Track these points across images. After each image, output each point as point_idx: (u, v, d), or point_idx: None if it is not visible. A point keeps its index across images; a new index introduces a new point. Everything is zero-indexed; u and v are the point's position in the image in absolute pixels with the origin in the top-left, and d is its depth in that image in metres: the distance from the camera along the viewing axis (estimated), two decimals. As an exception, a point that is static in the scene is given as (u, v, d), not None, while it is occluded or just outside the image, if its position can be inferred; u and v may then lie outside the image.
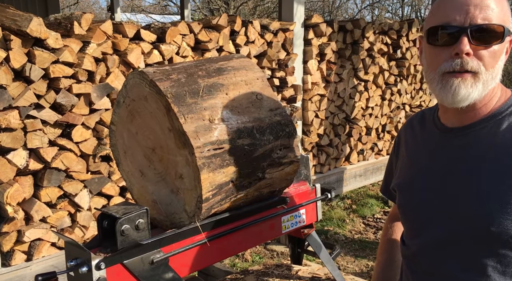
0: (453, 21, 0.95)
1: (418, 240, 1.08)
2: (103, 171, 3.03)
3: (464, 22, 0.95)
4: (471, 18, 0.94)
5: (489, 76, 0.96)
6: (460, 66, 0.95)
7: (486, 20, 0.94)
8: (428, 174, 1.06)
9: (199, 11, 14.35)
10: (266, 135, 1.30)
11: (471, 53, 0.95)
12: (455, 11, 0.95)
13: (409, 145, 1.15)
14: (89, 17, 2.86)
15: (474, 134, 0.99)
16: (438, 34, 0.97)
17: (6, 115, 2.50)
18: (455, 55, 0.95)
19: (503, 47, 0.97)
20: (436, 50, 0.98)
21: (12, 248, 2.70)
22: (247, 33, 3.81)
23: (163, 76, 1.21)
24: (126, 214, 1.11)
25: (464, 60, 0.95)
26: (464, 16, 0.95)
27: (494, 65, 0.96)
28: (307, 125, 4.48)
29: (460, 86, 0.95)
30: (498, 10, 0.94)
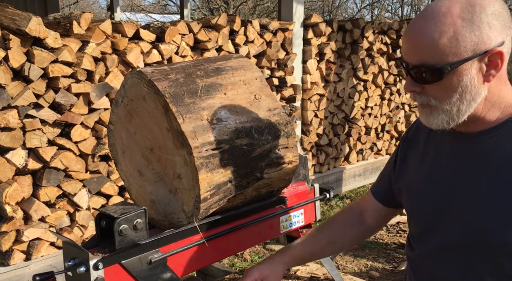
0: (403, 56, 0.96)
1: (423, 243, 1.08)
2: (102, 170, 3.03)
3: (407, 61, 0.95)
4: (409, 58, 0.94)
5: (449, 105, 0.94)
6: (413, 99, 0.98)
7: (421, 61, 0.92)
8: (437, 179, 1.05)
9: (198, 11, 14.34)
10: (265, 135, 1.30)
11: (417, 90, 0.95)
12: (404, 49, 0.96)
13: (420, 147, 1.13)
14: (88, 16, 2.86)
15: (484, 142, 0.98)
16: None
17: (5, 114, 2.50)
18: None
19: (460, 75, 0.91)
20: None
21: (11, 247, 2.70)
22: (247, 33, 3.81)
23: (161, 76, 1.21)
24: (124, 214, 1.11)
25: (413, 96, 0.97)
26: (407, 55, 0.95)
27: (450, 95, 0.93)
28: (306, 124, 4.48)
29: (421, 115, 0.98)
30: (438, 45, 0.89)
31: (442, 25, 0.89)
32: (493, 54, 0.90)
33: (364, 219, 1.29)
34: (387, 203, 1.24)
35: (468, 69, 0.91)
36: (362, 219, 1.29)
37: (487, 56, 0.90)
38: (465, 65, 0.90)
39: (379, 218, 1.28)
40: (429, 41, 0.90)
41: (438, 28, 0.89)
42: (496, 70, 0.92)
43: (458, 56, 0.90)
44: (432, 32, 0.89)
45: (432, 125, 0.97)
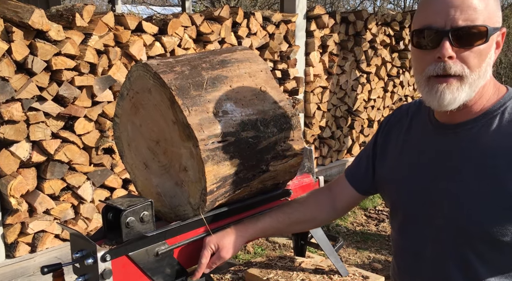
0: (434, 23, 0.93)
1: (405, 235, 1.09)
2: (106, 163, 3.04)
3: (445, 24, 0.92)
4: (452, 20, 0.91)
5: (476, 76, 0.93)
6: (443, 70, 0.93)
7: (468, 21, 0.91)
8: (419, 170, 1.05)
9: (200, 3, 14.27)
10: (270, 127, 1.30)
11: (454, 57, 0.92)
12: (436, 13, 0.92)
13: (402, 135, 1.12)
14: (90, 9, 2.85)
15: (464, 133, 0.98)
16: (421, 37, 0.95)
17: (9, 107, 2.51)
18: (438, 58, 0.93)
19: (491, 44, 0.93)
20: (421, 53, 0.96)
21: (16, 240, 2.72)
22: (249, 25, 3.80)
23: (167, 69, 1.21)
24: (131, 207, 1.11)
25: (447, 65, 0.93)
26: (445, 18, 0.92)
27: (481, 64, 0.93)
28: (309, 117, 4.47)
29: (445, 92, 0.93)
30: (481, 9, 0.91)
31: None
32: (502, 33, 0.94)
33: (335, 204, 1.27)
34: (362, 190, 1.22)
35: (494, 40, 0.94)
36: (334, 204, 1.27)
37: (501, 34, 0.94)
38: (494, 35, 0.93)
39: (350, 203, 1.27)
40: (478, 2, 0.91)
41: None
42: (498, 50, 0.95)
43: (494, 23, 0.93)
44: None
45: (454, 102, 0.94)
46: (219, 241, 1.19)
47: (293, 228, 1.33)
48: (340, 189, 1.27)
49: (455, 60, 0.92)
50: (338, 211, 1.28)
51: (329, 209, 1.28)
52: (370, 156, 1.20)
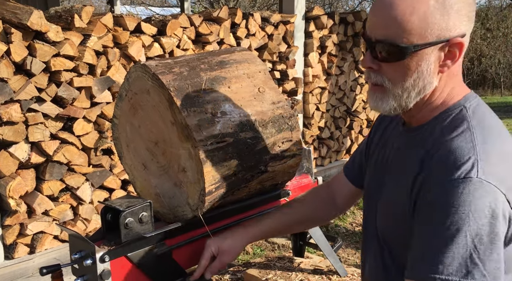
0: (367, 31, 0.90)
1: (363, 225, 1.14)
2: (105, 164, 3.04)
3: (371, 35, 0.88)
4: (375, 33, 0.87)
5: (399, 90, 0.89)
6: (366, 78, 0.94)
7: (388, 36, 0.85)
8: (375, 168, 1.08)
9: (199, 4, 14.27)
10: (269, 128, 1.31)
11: (373, 68, 0.90)
12: (369, 21, 0.89)
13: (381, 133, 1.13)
14: (89, 10, 2.85)
15: (410, 139, 0.97)
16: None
17: (7, 108, 2.50)
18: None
19: (421, 59, 0.86)
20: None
21: (15, 241, 2.71)
22: (248, 26, 3.80)
23: (165, 70, 1.21)
24: (130, 207, 1.11)
25: (369, 74, 0.92)
26: (371, 29, 0.88)
27: (405, 79, 0.88)
28: (308, 118, 4.48)
29: (369, 98, 0.94)
30: (406, 24, 0.83)
31: (415, 1, 0.83)
32: (454, 44, 0.85)
33: (335, 201, 1.28)
34: (358, 184, 1.23)
35: (429, 54, 0.86)
36: (334, 201, 1.28)
37: (448, 45, 0.86)
38: (427, 49, 0.86)
39: (350, 199, 1.28)
40: (399, 16, 0.84)
41: (411, 4, 0.83)
42: (452, 62, 0.88)
43: (423, 39, 0.84)
44: (404, 7, 0.83)
45: (379, 109, 0.93)
46: (220, 244, 1.19)
47: (294, 228, 1.33)
48: (339, 185, 1.28)
49: (376, 71, 0.90)
50: (339, 207, 1.29)
51: (330, 206, 1.29)
52: (363, 151, 1.21)
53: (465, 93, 0.92)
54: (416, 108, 0.93)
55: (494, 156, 0.81)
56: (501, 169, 0.80)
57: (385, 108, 0.92)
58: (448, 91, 0.91)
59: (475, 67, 14.28)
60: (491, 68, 14.07)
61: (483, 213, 0.76)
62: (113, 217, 1.14)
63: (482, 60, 14.26)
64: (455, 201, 0.78)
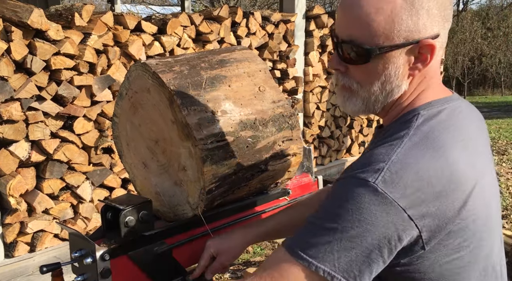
0: (334, 31, 0.85)
1: None
2: (105, 163, 3.04)
3: (337, 34, 0.84)
4: (340, 32, 0.83)
5: (367, 93, 0.85)
6: (335, 80, 0.91)
7: (351, 37, 0.81)
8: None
9: (199, 2, 14.26)
10: (269, 127, 1.31)
11: (341, 70, 0.87)
12: (336, 18, 0.85)
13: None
14: (90, 8, 2.84)
15: (372, 140, 0.95)
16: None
17: (8, 107, 2.50)
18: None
19: (387, 62, 0.81)
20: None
21: (15, 239, 2.72)
22: (248, 25, 3.80)
23: (165, 68, 1.21)
24: (130, 206, 1.11)
25: (337, 76, 0.89)
26: (338, 27, 0.83)
27: (372, 82, 0.84)
28: (308, 117, 4.48)
29: (339, 98, 0.91)
30: (372, 23, 0.78)
31: (381, 1, 0.78)
32: (424, 46, 0.80)
33: None
34: None
35: (397, 57, 0.81)
36: None
37: (418, 47, 0.80)
38: (394, 52, 0.80)
39: None
40: (363, 16, 0.79)
41: (376, 3, 0.78)
42: (423, 64, 0.82)
43: (389, 40, 0.79)
44: (369, 6, 0.78)
45: (347, 110, 0.91)
46: (219, 246, 1.18)
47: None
48: None
49: (344, 73, 0.87)
50: None
51: None
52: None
53: (434, 98, 0.85)
54: (383, 111, 0.90)
55: (409, 171, 0.74)
56: (412, 186, 0.74)
57: (352, 109, 0.89)
58: (417, 94, 0.86)
59: (476, 67, 14.27)
60: (492, 68, 14.06)
61: (363, 217, 0.74)
62: (113, 216, 1.14)
63: (482, 59, 14.25)
64: (344, 196, 0.76)
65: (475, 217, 0.79)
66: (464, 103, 0.91)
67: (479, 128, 0.90)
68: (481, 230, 0.81)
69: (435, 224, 0.75)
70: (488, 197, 0.83)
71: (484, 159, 0.87)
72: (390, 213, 0.73)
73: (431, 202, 0.74)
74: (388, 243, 0.75)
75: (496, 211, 0.88)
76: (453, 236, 0.77)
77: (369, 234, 0.74)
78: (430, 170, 0.75)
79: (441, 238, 0.77)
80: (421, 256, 0.78)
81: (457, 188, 0.76)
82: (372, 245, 0.75)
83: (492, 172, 0.89)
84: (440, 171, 0.75)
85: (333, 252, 0.75)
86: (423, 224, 0.75)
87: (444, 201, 0.75)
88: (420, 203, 0.74)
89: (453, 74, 15.40)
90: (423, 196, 0.74)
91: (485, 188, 0.82)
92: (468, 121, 0.87)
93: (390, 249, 0.76)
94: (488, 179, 0.85)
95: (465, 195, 0.77)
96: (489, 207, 0.83)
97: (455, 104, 0.86)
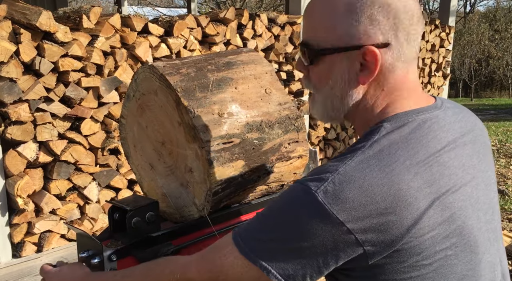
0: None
1: None
2: (112, 164, 3.06)
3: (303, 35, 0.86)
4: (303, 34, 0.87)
5: (322, 96, 0.86)
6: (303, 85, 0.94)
7: (304, 39, 0.83)
8: None
9: (205, 4, 14.32)
10: (275, 129, 1.31)
11: (304, 73, 0.88)
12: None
13: None
14: (97, 10, 2.87)
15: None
16: None
17: (16, 108, 2.53)
18: None
19: (331, 67, 0.82)
20: None
21: (22, 239, 2.74)
22: (255, 27, 3.81)
23: (172, 70, 1.22)
24: (137, 207, 1.12)
25: (303, 79, 0.91)
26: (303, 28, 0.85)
27: (323, 86, 0.85)
28: (314, 119, 4.48)
29: (308, 103, 0.93)
30: (317, 26, 0.81)
31: (327, 5, 0.80)
32: (367, 53, 0.78)
33: None
34: None
35: (339, 61, 0.81)
36: None
37: (361, 54, 0.79)
38: (335, 56, 0.81)
39: None
40: (311, 20, 0.82)
41: (322, 8, 0.81)
42: (369, 72, 0.80)
43: (330, 44, 0.80)
44: (317, 11, 0.82)
45: (314, 115, 0.91)
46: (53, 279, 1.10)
47: None
48: None
49: (306, 76, 0.88)
50: None
51: None
52: None
53: (404, 110, 0.82)
54: (350, 121, 0.89)
55: (352, 185, 0.72)
56: (354, 201, 0.72)
57: (317, 114, 0.90)
58: (384, 106, 0.83)
59: (483, 69, 14.19)
60: (499, 70, 13.97)
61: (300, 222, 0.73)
62: (120, 216, 1.15)
63: (490, 61, 14.17)
64: (286, 198, 0.77)
65: (435, 235, 0.75)
66: (447, 112, 0.85)
67: (465, 138, 0.85)
68: (449, 247, 0.77)
69: (380, 239, 0.73)
70: (463, 211, 0.78)
71: (463, 171, 0.81)
72: (326, 223, 0.72)
73: (374, 218, 0.72)
74: (325, 252, 0.74)
75: (485, 223, 0.83)
76: (405, 254, 0.74)
77: (303, 240, 0.74)
78: (374, 186, 0.72)
79: (389, 254, 0.74)
80: (370, 269, 0.76)
81: (407, 207, 0.72)
82: (308, 249, 0.74)
83: (479, 182, 0.84)
84: (387, 188, 0.72)
85: (271, 251, 0.76)
86: (365, 238, 0.73)
87: (390, 218, 0.72)
88: (362, 218, 0.72)
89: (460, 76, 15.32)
90: (365, 212, 0.72)
91: (457, 203, 0.78)
92: (443, 133, 0.81)
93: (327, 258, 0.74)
94: (466, 191, 0.80)
95: (417, 214, 0.73)
96: (465, 222, 0.78)
97: (428, 116, 0.82)
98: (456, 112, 0.88)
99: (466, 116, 0.90)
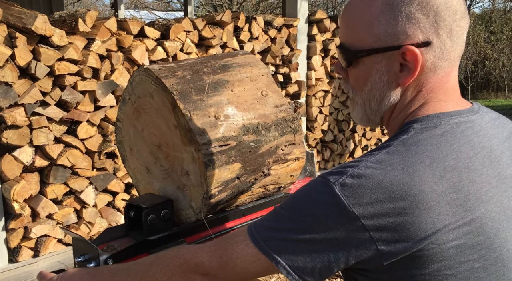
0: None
1: None
2: (108, 167, 3.05)
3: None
4: (340, 39, 0.86)
5: (360, 100, 0.85)
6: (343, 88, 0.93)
7: (342, 42, 0.84)
8: None
9: (202, 8, 14.34)
10: (272, 131, 1.31)
11: (343, 76, 0.88)
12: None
13: None
14: (93, 14, 2.86)
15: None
16: None
17: (12, 112, 2.52)
18: None
19: (370, 67, 0.80)
20: None
21: (19, 244, 2.72)
22: (251, 29, 3.81)
23: (168, 73, 1.22)
24: (152, 205, 1.14)
25: (342, 83, 0.91)
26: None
27: (362, 89, 0.84)
28: (311, 121, 4.48)
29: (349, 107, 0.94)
30: (354, 27, 0.81)
31: (363, 6, 0.78)
32: (407, 53, 0.76)
33: None
34: None
35: (378, 62, 0.79)
36: None
37: (401, 54, 0.76)
38: (374, 57, 0.79)
39: None
40: (347, 21, 0.81)
41: (358, 9, 0.79)
42: (410, 73, 0.77)
43: (367, 45, 0.78)
44: (353, 12, 0.80)
45: (355, 120, 0.90)
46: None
47: None
48: None
49: (345, 79, 0.88)
50: None
51: None
52: None
53: (436, 112, 0.79)
54: (385, 123, 0.87)
55: (371, 180, 0.71)
56: (371, 197, 0.70)
57: (358, 118, 0.89)
58: (416, 107, 0.81)
59: (479, 70, 14.24)
60: (495, 71, 14.03)
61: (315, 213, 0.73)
62: (136, 214, 1.17)
63: (486, 63, 14.23)
64: (305, 190, 0.77)
65: (461, 244, 0.71)
66: (483, 117, 0.82)
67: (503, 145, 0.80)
68: (477, 260, 0.73)
69: (395, 239, 0.70)
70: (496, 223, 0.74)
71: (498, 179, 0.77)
72: (342, 216, 0.71)
73: (391, 217, 0.69)
74: (337, 247, 0.72)
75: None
76: (425, 261, 0.71)
77: (316, 231, 0.72)
78: (394, 184, 0.70)
79: (406, 257, 0.71)
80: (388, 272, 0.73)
81: (427, 210, 0.70)
82: (320, 242, 0.73)
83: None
84: (407, 188, 0.69)
85: (282, 241, 0.75)
86: (380, 236, 0.70)
87: (408, 219, 0.69)
88: (378, 215, 0.70)
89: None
90: (382, 209, 0.69)
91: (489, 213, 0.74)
92: (478, 138, 0.77)
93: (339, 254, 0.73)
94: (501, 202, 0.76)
95: (438, 219, 0.70)
96: (497, 234, 0.74)
97: (463, 120, 0.78)
98: (493, 117, 0.84)
99: (503, 122, 0.86)
